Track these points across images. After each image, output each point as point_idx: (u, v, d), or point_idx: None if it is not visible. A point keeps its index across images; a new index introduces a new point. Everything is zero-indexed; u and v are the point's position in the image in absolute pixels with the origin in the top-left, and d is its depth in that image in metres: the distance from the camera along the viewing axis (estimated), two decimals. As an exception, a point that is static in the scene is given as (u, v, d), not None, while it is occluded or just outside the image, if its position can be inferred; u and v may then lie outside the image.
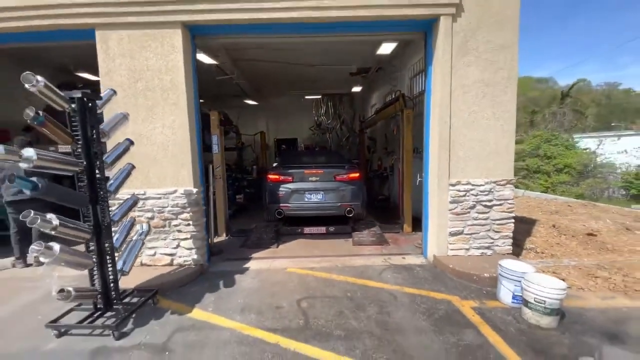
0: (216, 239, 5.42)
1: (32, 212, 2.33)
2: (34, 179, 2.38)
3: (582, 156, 16.80)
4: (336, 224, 5.63)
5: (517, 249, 4.82)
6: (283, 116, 13.55)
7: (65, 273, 4.16)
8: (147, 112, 3.87)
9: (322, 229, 5.59)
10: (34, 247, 2.36)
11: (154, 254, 4.04)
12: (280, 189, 5.45)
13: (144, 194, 3.90)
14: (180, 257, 4.05)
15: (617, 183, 14.70)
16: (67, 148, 3.99)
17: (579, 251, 4.90)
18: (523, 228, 6.09)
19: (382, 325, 2.82)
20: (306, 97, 12.43)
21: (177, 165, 3.94)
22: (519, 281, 3.03)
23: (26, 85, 2.37)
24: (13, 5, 3.69)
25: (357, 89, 10.91)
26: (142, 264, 4.04)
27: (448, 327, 2.79)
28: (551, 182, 17.25)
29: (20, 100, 7.58)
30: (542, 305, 2.78)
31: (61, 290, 2.56)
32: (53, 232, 2.45)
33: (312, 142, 13.34)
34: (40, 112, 2.40)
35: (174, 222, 3.99)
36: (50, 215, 2.43)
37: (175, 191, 3.94)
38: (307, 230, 5.59)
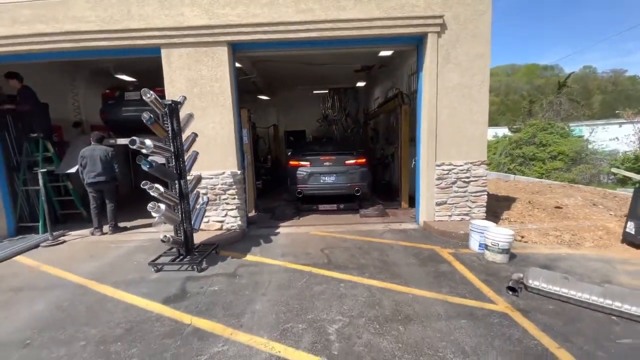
0: (248, 214, 6.61)
1: (149, 182, 3.51)
2: (146, 160, 3.54)
3: (575, 143, 17.70)
4: (346, 202, 6.79)
5: (495, 219, 5.93)
6: (292, 109, 14.60)
7: (138, 237, 5.41)
8: (202, 111, 5.01)
9: (334, 206, 6.75)
10: (150, 205, 3.53)
11: (208, 221, 5.24)
12: (301, 172, 6.59)
13: (200, 175, 5.07)
14: (228, 223, 5.25)
15: (604, 169, 15.63)
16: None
17: (545, 220, 6.02)
18: (504, 204, 7.19)
19: (382, 262, 4.01)
20: (314, 91, 13.47)
21: (225, 153, 5.11)
22: (483, 232, 4.18)
23: (144, 97, 3.49)
24: (99, 29, 4.81)
25: (361, 84, 11.91)
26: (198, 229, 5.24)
27: (429, 262, 3.97)
28: (546, 168, 18.20)
29: (69, 101, 8.82)
30: (497, 246, 3.94)
31: (164, 236, 3.76)
32: (160, 197, 3.64)
33: (319, 133, 14.42)
34: (152, 115, 3.53)
35: (223, 197, 5.18)
36: (157, 185, 3.61)
37: (224, 173, 5.12)
38: (321, 207, 6.76)
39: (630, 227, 4.62)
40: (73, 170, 5.95)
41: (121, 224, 5.96)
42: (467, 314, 2.86)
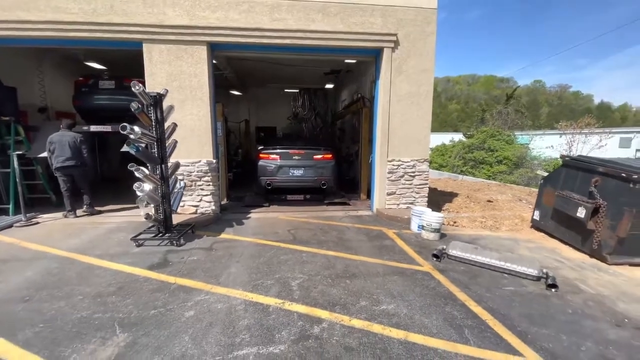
0: (221, 202, 7.09)
1: (136, 165, 3.96)
2: (134, 144, 3.99)
3: (518, 150, 19.94)
4: (312, 193, 7.48)
5: (437, 209, 6.97)
6: (264, 106, 15.06)
7: (113, 220, 5.72)
8: (180, 104, 5.45)
9: (301, 197, 7.43)
10: (135, 184, 3.99)
11: (184, 206, 5.69)
12: (271, 165, 7.16)
13: (178, 162, 5.51)
14: (202, 207, 5.74)
15: (538, 173, 17.87)
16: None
17: (477, 210, 7.17)
18: (448, 198, 8.33)
19: (339, 239, 4.79)
20: (285, 90, 14.05)
21: (201, 143, 5.59)
22: (421, 216, 5.10)
23: (133, 89, 3.93)
24: (84, 20, 5.08)
25: (330, 85, 12.70)
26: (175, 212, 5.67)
27: (376, 239, 4.81)
28: (493, 171, 20.30)
29: (35, 86, 8.70)
30: (430, 227, 4.87)
31: (147, 214, 4.22)
32: (144, 178, 4.10)
33: (290, 131, 15.01)
34: (139, 105, 3.98)
35: (199, 183, 5.66)
36: (142, 168, 4.07)
37: (200, 161, 5.60)
38: (290, 197, 7.40)
39: (537, 215, 5.80)
40: (45, 154, 6.07)
41: (95, 208, 6.18)
42: (399, 272, 3.70)
